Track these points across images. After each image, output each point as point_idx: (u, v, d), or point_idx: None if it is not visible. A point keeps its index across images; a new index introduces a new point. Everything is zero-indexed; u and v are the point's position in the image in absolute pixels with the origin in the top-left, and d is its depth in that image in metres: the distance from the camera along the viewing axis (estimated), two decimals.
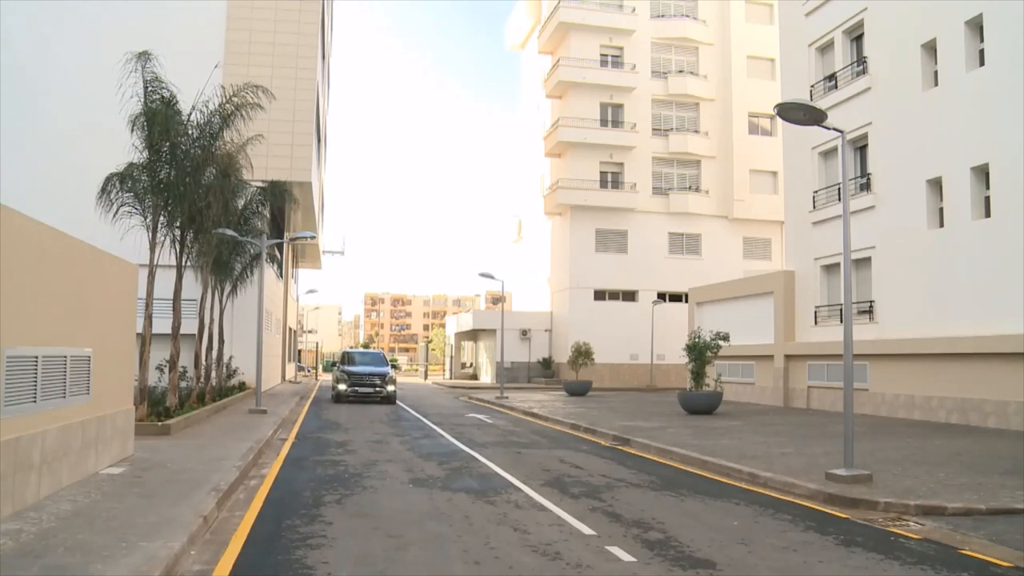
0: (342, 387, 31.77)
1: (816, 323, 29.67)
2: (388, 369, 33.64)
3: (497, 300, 70.48)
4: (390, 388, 32.01)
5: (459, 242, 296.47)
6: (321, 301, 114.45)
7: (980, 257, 22.15)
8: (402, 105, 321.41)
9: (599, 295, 51.52)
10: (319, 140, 43.69)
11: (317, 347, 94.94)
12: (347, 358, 35.09)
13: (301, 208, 36.55)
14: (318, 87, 38.21)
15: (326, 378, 65.11)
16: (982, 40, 22.70)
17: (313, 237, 33.40)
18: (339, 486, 11.68)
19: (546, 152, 54.23)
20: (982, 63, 22.69)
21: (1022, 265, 20.66)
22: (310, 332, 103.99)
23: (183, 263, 20.89)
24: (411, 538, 8.44)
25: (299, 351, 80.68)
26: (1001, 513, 9.91)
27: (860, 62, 27.85)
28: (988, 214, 22.30)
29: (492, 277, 40.61)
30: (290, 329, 58.11)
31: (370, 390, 31.81)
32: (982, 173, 22.56)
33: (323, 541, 8.25)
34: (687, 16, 53.15)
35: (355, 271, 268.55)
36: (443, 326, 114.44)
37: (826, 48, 30.00)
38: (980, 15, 22.59)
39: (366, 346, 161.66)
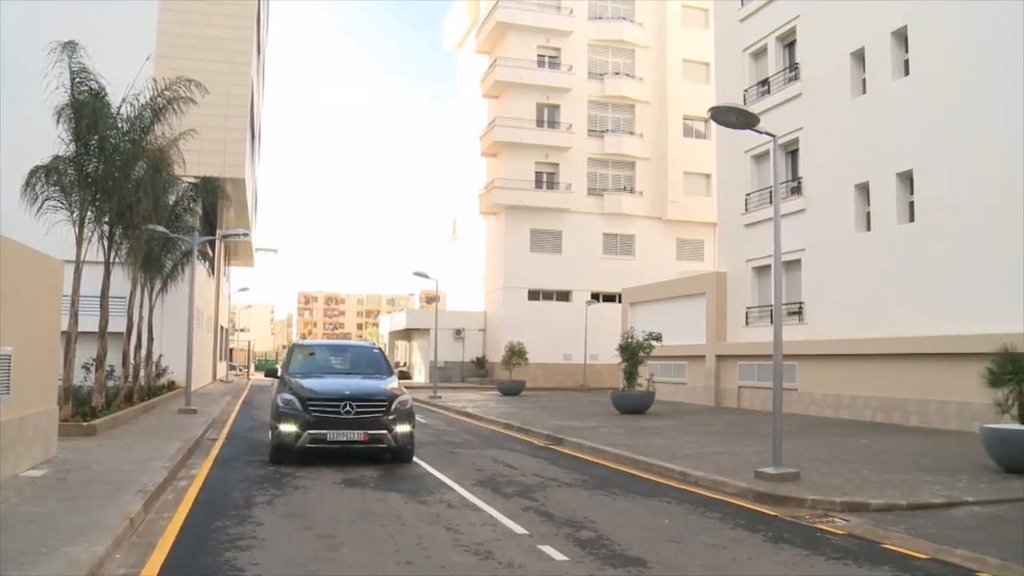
0: (290, 428, 13.72)
1: (747, 324, 30.14)
2: (390, 384, 15.11)
3: (431, 299, 70.34)
4: (402, 429, 14.18)
5: (394, 241, 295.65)
6: (254, 299, 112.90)
7: (905, 261, 22.73)
8: (339, 104, 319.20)
9: (533, 295, 51.71)
10: (253, 136, 43.13)
11: (249, 346, 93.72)
12: (301, 356, 16.66)
13: (234, 205, 36.01)
14: (253, 82, 37.71)
15: (258, 378, 63.99)
16: (907, 51, 23.29)
17: (246, 234, 32.95)
18: (270, 487, 11.52)
19: (482, 152, 54.27)
20: (907, 73, 23.29)
21: (944, 269, 21.30)
22: (242, 331, 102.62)
23: (112, 259, 20.39)
24: (343, 538, 8.36)
25: (231, 350, 79.65)
26: (920, 508, 10.18)
27: (792, 68, 28.37)
28: (912, 219, 22.90)
29: (426, 276, 40.50)
30: (222, 328, 57.24)
31: (357, 436, 13.78)
32: (907, 179, 23.15)
33: (253, 542, 8.13)
34: (624, 19, 53.58)
35: (289, 269, 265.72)
36: (377, 325, 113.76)
37: (760, 54, 30.49)
38: (905, 27, 23.19)
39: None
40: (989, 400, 13.79)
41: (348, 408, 13.77)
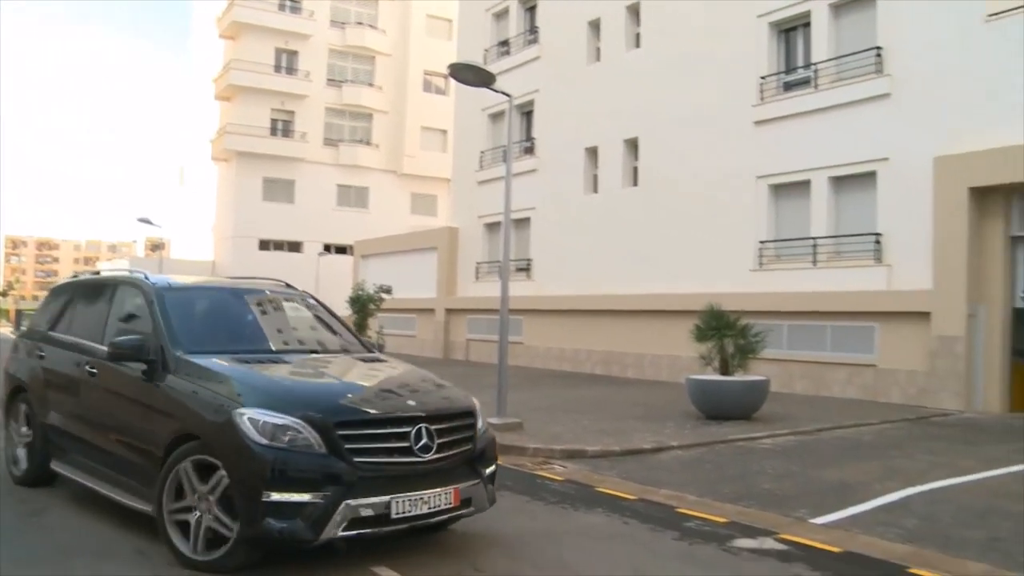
0: (299, 497, 5.38)
1: (477, 279, 30.74)
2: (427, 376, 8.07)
3: (157, 247, 66.60)
4: (490, 471, 6.87)
5: (119, 186, 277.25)
6: None
7: (627, 223, 23.98)
8: (62, 43, 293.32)
9: (264, 245, 50.07)
10: None
11: None
12: (182, 315, 7.06)
13: None
14: None
15: None
16: (639, 24, 24.41)
17: None
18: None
19: (216, 95, 51.58)
20: (638, 45, 24.44)
21: (661, 232, 22.72)
22: None
23: None
24: None
25: None
26: (632, 453, 10.80)
27: (532, 32, 28.97)
28: (636, 183, 24.20)
29: (151, 223, 38.31)
30: None
31: (444, 500, 5.97)
32: (633, 146, 24.39)
33: None
34: None
35: None
36: (97, 274, 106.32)
37: (502, 15, 30.88)
38: (639, 3, 24.26)
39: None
40: (696, 354, 14.87)
41: (427, 439, 6.00)
